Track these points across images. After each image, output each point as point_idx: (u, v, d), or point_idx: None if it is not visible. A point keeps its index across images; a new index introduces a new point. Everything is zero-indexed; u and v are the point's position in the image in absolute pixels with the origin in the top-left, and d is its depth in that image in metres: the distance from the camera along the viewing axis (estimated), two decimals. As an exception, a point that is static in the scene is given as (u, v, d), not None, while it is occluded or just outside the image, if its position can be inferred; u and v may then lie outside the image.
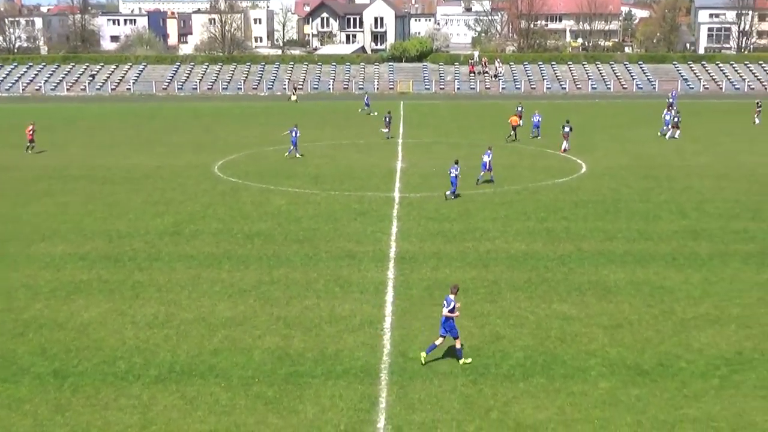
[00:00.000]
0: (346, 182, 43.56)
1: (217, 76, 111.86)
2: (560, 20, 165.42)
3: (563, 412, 17.69)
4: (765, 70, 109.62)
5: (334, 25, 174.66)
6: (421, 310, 23.82)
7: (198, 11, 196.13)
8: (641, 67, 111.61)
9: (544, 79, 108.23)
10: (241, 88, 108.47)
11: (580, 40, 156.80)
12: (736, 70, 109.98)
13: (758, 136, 60.70)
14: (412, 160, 50.97)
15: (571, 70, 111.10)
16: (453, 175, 38.62)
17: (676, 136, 59.23)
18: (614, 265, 28.12)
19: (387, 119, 62.08)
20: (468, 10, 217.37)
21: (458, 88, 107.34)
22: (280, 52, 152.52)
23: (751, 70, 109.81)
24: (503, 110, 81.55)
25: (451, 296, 20.18)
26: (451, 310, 19.95)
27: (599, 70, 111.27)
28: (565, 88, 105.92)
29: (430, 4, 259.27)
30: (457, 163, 39.58)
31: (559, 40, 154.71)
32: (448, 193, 38.94)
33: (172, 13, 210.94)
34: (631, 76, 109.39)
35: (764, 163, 48.62)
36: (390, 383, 19.16)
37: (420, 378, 19.38)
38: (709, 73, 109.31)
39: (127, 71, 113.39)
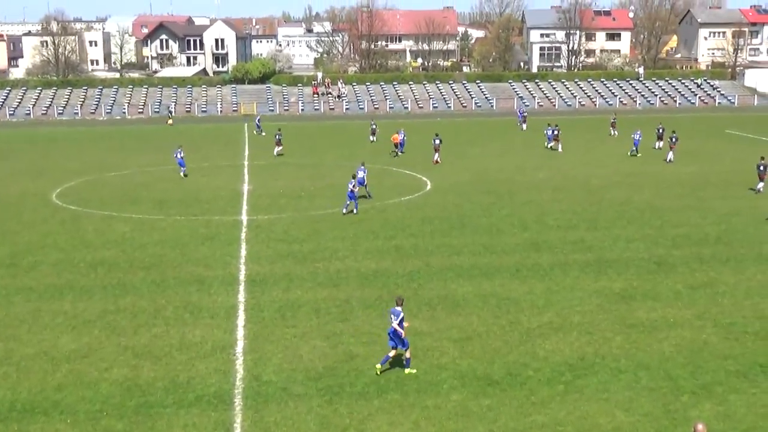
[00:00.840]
0: (192, 206, 42.80)
1: (51, 101, 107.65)
2: (400, 41, 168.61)
3: (418, 427, 17.94)
4: (593, 87, 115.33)
5: (174, 47, 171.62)
6: (273, 333, 23.65)
7: (29, 33, 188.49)
8: (479, 86, 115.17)
9: (386, 99, 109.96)
10: (78, 113, 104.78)
11: (420, 60, 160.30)
12: (567, 88, 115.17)
13: (590, 151, 63.67)
14: (259, 181, 50.65)
15: (412, 90, 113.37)
16: (349, 189, 39.75)
17: (559, 149, 61.65)
18: (462, 279, 28.81)
19: (277, 137, 63.40)
20: (309, 31, 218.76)
21: (302, 109, 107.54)
22: (118, 75, 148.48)
23: (580, 87, 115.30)
24: (348, 130, 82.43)
25: (398, 308, 20.53)
26: (400, 323, 20.28)
27: (439, 90, 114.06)
28: (407, 107, 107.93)
29: (271, 26, 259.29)
30: (355, 177, 40.87)
31: (400, 60, 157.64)
32: (343, 210, 40.02)
33: (1, 35, 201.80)
34: (470, 94, 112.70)
35: (597, 174, 51.05)
36: (245, 408, 18.91)
37: (275, 401, 19.21)
38: (542, 91, 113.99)
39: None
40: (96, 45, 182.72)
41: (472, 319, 24.72)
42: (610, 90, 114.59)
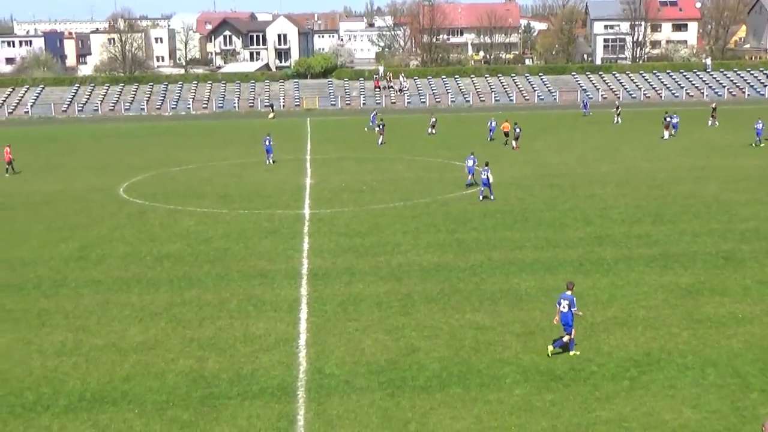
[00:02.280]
0: (255, 201, 43.26)
1: (118, 97, 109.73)
2: (461, 34, 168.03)
3: (480, 421, 17.88)
4: (659, 79, 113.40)
5: (237, 42, 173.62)
6: (336, 326, 23.78)
7: (96, 31, 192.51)
8: (542, 79, 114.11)
9: (448, 93, 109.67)
10: (144, 109, 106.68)
11: (481, 53, 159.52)
12: (631, 80, 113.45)
13: (655, 144, 62.70)
14: (321, 176, 50.96)
15: (474, 83, 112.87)
16: (484, 177, 40.96)
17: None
18: (524, 273, 28.61)
19: (381, 126, 66.77)
20: (371, 25, 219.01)
21: (364, 104, 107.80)
22: (182, 71, 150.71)
23: (646, 79, 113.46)
24: (409, 124, 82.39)
25: (569, 293, 21.13)
26: (572, 306, 20.99)
27: (501, 83, 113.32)
28: (469, 100, 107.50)
29: (333, 21, 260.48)
30: (487, 164, 41.76)
31: (462, 53, 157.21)
32: (480, 196, 41.56)
33: (70, 33, 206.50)
34: (533, 87, 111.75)
35: (662, 168, 50.20)
36: (307, 400, 19.06)
37: (337, 394, 19.33)
38: (606, 83, 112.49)
39: (24, 94, 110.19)
40: (161, 42, 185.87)
41: (535, 313, 24.54)
42: (677, 82, 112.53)
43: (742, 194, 41.73)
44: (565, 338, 21.28)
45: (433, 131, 71.54)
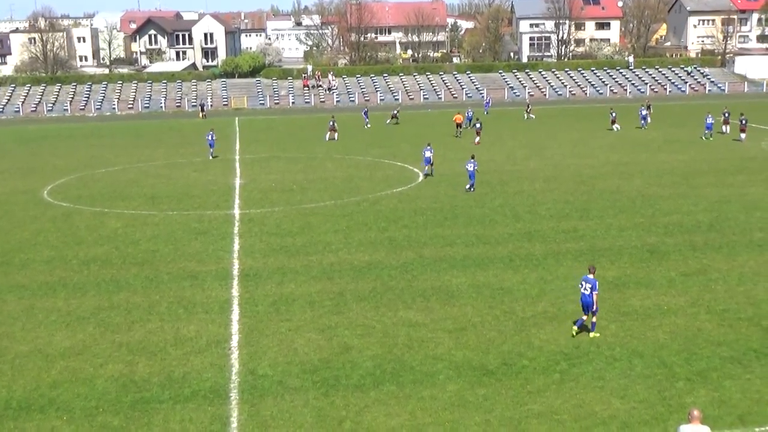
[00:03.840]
0: (184, 201, 42.73)
1: (40, 98, 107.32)
2: (389, 33, 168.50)
3: (414, 417, 17.96)
4: (584, 76, 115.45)
5: (163, 42, 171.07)
6: (268, 326, 23.64)
7: (16, 30, 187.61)
8: (469, 77, 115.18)
9: (377, 91, 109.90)
10: (67, 109, 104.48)
11: (409, 52, 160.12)
12: (557, 77, 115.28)
13: (581, 141, 63.74)
14: (251, 175, 50.58)
15: (402, 82, 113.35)
16: (471, 169, 42.79)
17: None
18: (455, 270, 28.83)
19: (331, 123, 68.95)
20: (298, 24, 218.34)
21: (293, 102, 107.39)
22: (107, 70, 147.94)
23: (571, 77, 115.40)
24: (339, 122, 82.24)
25: (591, 276, 22.03)
26: (594, 288, 21.83)
27: (430, 81, 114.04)
28: (398, 98, 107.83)
29: (260, 19, 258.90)
30: (473, 158, 43.76)
31: (390, 52, 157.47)
32: (467, 187, 43.00)
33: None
34: (461, 85, 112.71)
35: (588, 164, 51.11)
36: (241, 402, 18.90)
37: (271, 395, 19.21)
38: (533, 81, 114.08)
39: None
40: (84, 41, 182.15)
41: (467, 309, 24.75)
42: (601, 79, 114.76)
43: (665, 188, 42.74)
44: (585, 318, 22.23)
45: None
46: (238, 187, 46.64)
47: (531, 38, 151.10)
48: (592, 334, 22.17)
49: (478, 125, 65.30)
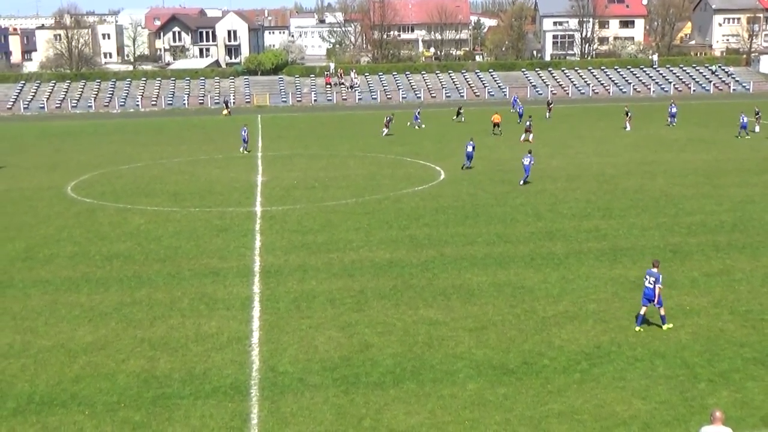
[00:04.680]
0: (206, 198, 42.91)
1: (65, 94, 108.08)
2: (412, 30, 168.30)
3: (434, 416, 17.95)
4: (607, 75, 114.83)
5: (187, 39, 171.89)
6: (289, 324, 23.70)
7: (42, 27, 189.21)
8: (492, 75, 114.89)
9: (399, 89, 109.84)
10: (91, 106, 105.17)
11: (432, 50, 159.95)
12: (580, 76, 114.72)
13: (604, 140, 63.43)
14: (273, 173, 50.71)
15: (425, 80, 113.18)
16: (526, 163, 44.15)
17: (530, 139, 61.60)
18: (476, 269, 28.77)
19: (388, 119, 70.21)
20: (321, 21, 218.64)
21: (315, 100, 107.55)
22: (131, 67, 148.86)
23: (594, 75, 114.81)
24: (361, 120, 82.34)
25: (655, 269, 22.34)
26: (657, 282, 22.21)
27: (452, 79, 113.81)
28: (420, 97, 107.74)
29: (283, 17, 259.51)
30: (530, 152, 45.36)
31: (412, 50, 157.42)
32: (521, 181, 44.42)
33: (14, 29, 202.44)
34: (483, 83, 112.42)
35: (611, 164, 50.84)
36: (261, 399, 18.96)
37: (291, 392, 19.26)
38: (555, 79, 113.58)
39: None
40: (109, 38, 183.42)
41: (488, 308, 24.70)
42: (624, 78, 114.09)
43: (688, 188, 42.45)
44: (642, 311, 22.53)
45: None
46: (260, 185, 46.77)
47: (554, 36, 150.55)
48: (665, 326, 22.53)
49: (528, 123, 64.81)
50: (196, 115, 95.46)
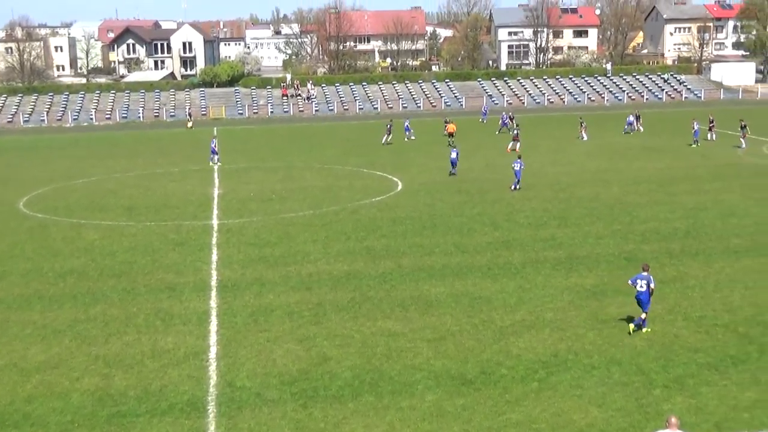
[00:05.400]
0: (161, 212, 42.52)
1: (17, 108, 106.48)
2: (368, 41, 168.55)
3: (393, 428, 17.91)
4: (562, 84, 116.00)
5: (141, 51, 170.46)
6: (246, 338, 23.53)
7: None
8: (448, 85, 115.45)
9: (356, 100, 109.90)
10: (44, 120, 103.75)
11: (389, 60, 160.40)
12: (536, 85, 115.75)
13: (560, 149, 64.00)
14: (229, 186, 50.41)
15: (381, 90, 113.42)
16: (516, 168, 45.65)
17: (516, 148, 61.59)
18: (434, 279, 28.83)
19: (389, 126, 70.91)
20: (277, 33, 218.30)
21: (272, 112, 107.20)
22: (84, 80, 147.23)
23: (549, 85, 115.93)
24: (318, 132, 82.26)
25: (645, 273, 23.08)
26: (650, 284, 22.97)
27: (408, 89, 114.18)
28: (377, 107, 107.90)
29: (239, 28, 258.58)
30: (520, 158, 47.16)
31: (369, 60, 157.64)
32: (512, 186, 45.57)
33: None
34: (439, 93, 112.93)
35: (566, 172, 51.32)
36: (218, 415, 18.78)
37: (249, 407, 19.10)
38: (511, 89, 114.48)
39: None
40: (61, 50, 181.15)
41: (446, 318, 24.75)
42: (579, 87, 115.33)
43: (642, 196, 42.97)
44: (643, 315, 22.98)
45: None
46: (217, 197, 46.47)
47: (509, 46, 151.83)
48: (645, 330, 22.99)
49: (515, 131, 65.55)
50: (152, 128, 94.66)
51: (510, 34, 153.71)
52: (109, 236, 37.15)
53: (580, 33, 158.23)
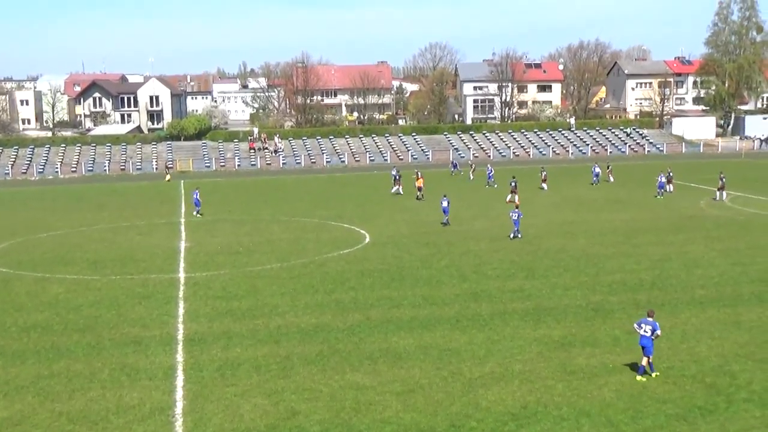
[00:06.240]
0: (127, 265, 42.13)
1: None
2: (335, 95, 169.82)
3: (363, 483, 17.71)
4: (527, 138, 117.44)
5: (107, 104, 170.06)
6: (213, 392, 23.25)
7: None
8: (415, 139, 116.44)
9: (323, 153, 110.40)
10: (9, 173, 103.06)
11: (355, 114, 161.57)
12: (501, 139, 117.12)
13: (526, 201, 64.40)
14: (196, 238, 50.15)
15: (348, 144, 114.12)
16: (515, 218, 46.59)
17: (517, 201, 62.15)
18: (402, 332, 28.75)
19: (396, 176, 73.13)
20: (244, 87, 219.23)
21: (239, 165, 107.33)
22: (50, 133, 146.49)
23: (514, 138, 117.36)
24: (285, 185, 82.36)
25: (650, 318, 23.66)
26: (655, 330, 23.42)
27: (375, 143, 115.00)
28: (344, 161, 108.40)
29: (206, 82, 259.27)
30: (517, 207, 49.27)
31: (336, 114, 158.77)
32: (510, 235, 46.56)
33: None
34: (406, 147, 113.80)
35: (533, 224, 51.62)
36: (185, 471, 18.47)
37: (216, 463, 18.81)
38: (477, 142, 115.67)
39: None
40: (27, 104, 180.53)
41: (414, 371, 24.64)
42: (543, 140, 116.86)
43: (608, 248, 43.35)
44: (644, 361, 23.44)
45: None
46: (184, 251, 46.18)
47: (475, 101, 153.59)
48: (654, 374, 23.46)
49: (513, 183, 66.06)
50: (118, 181, 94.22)
51: (475, 88, 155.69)
52: (74, 290, 36.71)
53: (544, 87, 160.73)
